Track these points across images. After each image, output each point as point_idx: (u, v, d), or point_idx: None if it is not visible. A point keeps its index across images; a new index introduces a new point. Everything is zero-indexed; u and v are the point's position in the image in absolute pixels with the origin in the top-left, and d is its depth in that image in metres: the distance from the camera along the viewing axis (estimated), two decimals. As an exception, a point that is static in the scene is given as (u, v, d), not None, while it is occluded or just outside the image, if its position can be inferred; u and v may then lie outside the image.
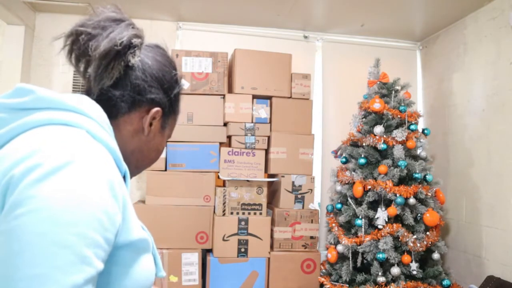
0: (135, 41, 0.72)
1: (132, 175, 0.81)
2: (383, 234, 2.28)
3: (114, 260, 0.61)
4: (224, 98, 2.61)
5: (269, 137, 2.63)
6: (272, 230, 2.57)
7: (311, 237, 2.60)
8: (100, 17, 0.71)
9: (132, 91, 0.74)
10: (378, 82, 2.60)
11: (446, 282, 2.32)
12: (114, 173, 0.61)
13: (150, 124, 0.78)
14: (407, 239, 2.27)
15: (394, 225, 2.29)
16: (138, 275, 0.66)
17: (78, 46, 0.70)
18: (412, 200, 2.31)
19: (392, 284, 2.23)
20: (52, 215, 0.52)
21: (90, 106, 0.68)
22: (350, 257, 2.36)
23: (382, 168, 2.36)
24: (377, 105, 2.47)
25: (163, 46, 0.84)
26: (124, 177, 0.72)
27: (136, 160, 0.80)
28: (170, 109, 0.84)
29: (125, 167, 0.70)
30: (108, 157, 0.63)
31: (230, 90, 2.67)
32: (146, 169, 0.86)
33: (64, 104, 0.65)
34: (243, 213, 2.54)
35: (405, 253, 2.29)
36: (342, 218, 2.46)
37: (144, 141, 0.79)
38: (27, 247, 0.50)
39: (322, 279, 2.49)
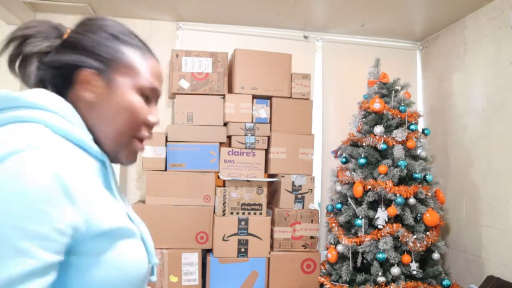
0: (51, 45, 0.73)
1: (122, 150, 0.75)
2: (383, 234, 2.28)
3: (82, 251, 0.61)
4: (224, 98, 2.61)
5: (269, 137, 2.63)
6: (272, 230, 2.57)
7: (311, 237, 2.60)
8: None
9: (48, 69, 0.73)
10: (378, 82, 2.60)
11: (446, 282, 2.32)
12: (68, 164, 0.59)
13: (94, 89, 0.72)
14: (407, 239, 2.27)
15: (394, 225, 2.29)
16: (117, 263, 0.65)
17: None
18: (412, 200, 2.31)
19: (392, 284, 2.23)
20: None
21: (48, 99, 0.67)
22: (350, 257, 2.36)
23: (382, 168, 2.36)
24: (377, 105, 2.47)
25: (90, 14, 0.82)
26: (104, 163, 0.71)
27: (105, 133, 0.72)
28: (104, 60, 0.72)
29: (101, 155, 0.69)
30: (66, 149, 0.62)
31: (230, 90, 2.67)
32: (133, 134, 0.75)
33: (22, 101, 0.64)
34: (243, 213, 2.54)
35: (405, 253, 2.29)
36: (342, 218, 2.46)
37: (103, 108, 0.72)
38: None
39: (322, 279, 2.49)
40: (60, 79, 0.72)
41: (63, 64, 0.72)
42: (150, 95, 0.77)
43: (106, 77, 0.71)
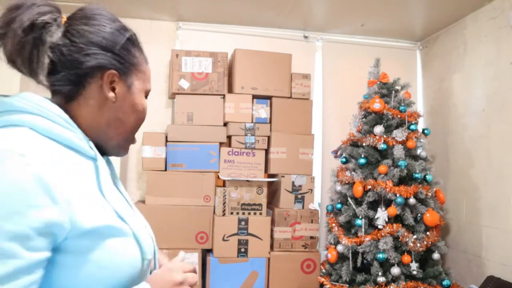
0: (43, 19, 0.66)
1: (124, 144, 0.79)
2: (383, 234, 2.28)
3: (68, 249, 0.62)
4: (224, 98, 2.61)
5: (269, 137, 2.63)
6: (272, 230, 2.57)
7: (311, 237, 2.60)
8: (3, 12, 0.66)
9: (72, 69, 0.69)
10: (378, 82, 2.60)
11: (446, 282, 2.32)
12: (49, 165, 0.61)
13: (113, 89, 0.74)
14: (407, 239, 2.27)
15: (394, 225, 2.29)
16: (104, 261, 0.65)
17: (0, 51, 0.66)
18: (412, 200, 2.31)
19: (392, 284, 2.23)
20: None
21: (34, 102, 0.66)
22: (350, 257, 2.36)
23: (382, 168, 2.36)
24: (377, 105, 2.47)
25: (91, 6, 0.75)
26: (96, 160, 0.71)
27: (116, 130, 0.76)
28: (126, 64, 0.75)
29: (92, 151, 0.69)
30: (51, 150, 0.63)
31: (230, 90, 2.67)
32: (136, 131, 0.81)
33: (10, 105, 0.65)
34: (243, 213, 2.54)
35: (405, 253, 2.29)
36: (342, 218, 2.46)
37: (116, 107, 0.74)
38: None
39: (322, 279, 2.49)
40: (76, 78, 0.70)
41: (93, 65, 0.70)
42: (146, 97, 0.83)
43: (127, 80, 0.76)
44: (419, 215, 2.37)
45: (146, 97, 0.81)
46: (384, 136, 2.43)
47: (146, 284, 0.71)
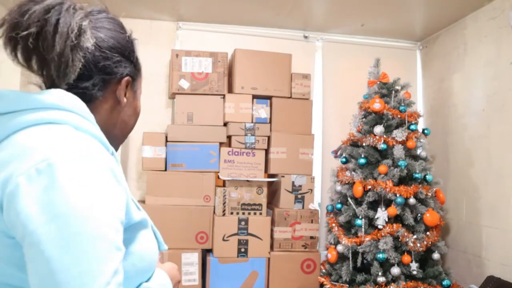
0: (85, 24, 0.67)
1: (119, 145, 0.84)
2: (383, 234, 2.28)
3: None
4: (224, 98, 2.61)
5: (269, 137, 2.63)
6: (272, 230, 2.57)
7: (311, 237, 2.60)
8: (34, 8, 0.63)
9: (100, 74, 0.71)
10: (378, 82, 2.60)
11: (446, 282, 2.32)
12: (111, 160, 0.63)
13: (125, 94, 0.76)
14: (407, 239, 2.27)
15: (394, 225, 2.29)
16: (140, 253, 0.69)
17: (23, 46, 0.65)
18: (412, 200, 2.31)
19: (392, 284, 2.23)
20: (79, 214, 0.54)
21: (69, 100, 0.66)
22: (350, 257, 2.36)
23: (382, 168, 2.36)
24: (377, 105, 2.47)
25: (104, 8, 0.75)
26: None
27: (121, 131, 0.80)
28: (136, 72, 0.80)
29: (111, 149, 0.70)
30: (99, 146, 0.64)
31: (230, 90, 2.67)
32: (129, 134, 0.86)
33: (43, 102, 0.63)
34: (243, 213, 2.54)
35: (405, 253, 2.29)
36: (342, 218, 2.46)
37: (123, 111, 0.78)
38: (68, 249, 0.53)
39: (322, 279, 2.49)
40: (102, 84, 0.72)
41: (119, 72, 0.73)
42: None
43: (135, 85, 0.80)
44: (419, 215, 2.37)
45: None
46: (384, 136, 2.43)
47: (165, 274, 0.77)
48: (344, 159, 2.64)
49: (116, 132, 0.78)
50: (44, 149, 0.57)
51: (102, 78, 0.71)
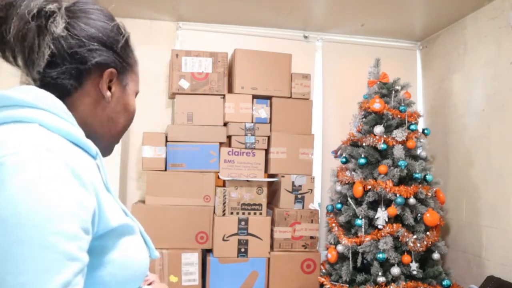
0: (50, 7, 0.64)
1: (111, 145, 0.79)
2: (383, 234, 2.28)
3: (90, 251, 0.59)
4: (224, 98, 2.61)
5: (269, 137, 2.63)
6: (272, 230, 2.57)
7: (311, 237, 2.60)
8: None
9: (73, 63, 0.66)
10: (378, 82, 2.60)
11: (446, 282, 2.32)
12: (76, 162, 0.58)
13: (110, 88, 0.72)
14: (407, 239, 2.27)
15: (394, 225, 2.29)
16: (122, 261, 0.64)
17: None
18: (412, 200, 2.31)
19: (392, 284, 2.23)
20: (22, 219, 0.50)
21: (40, 96, 0.63)
22: (350, 257, 2.36)
23: (382, 168, 2.36)
24: (377, 105, 2.47)
25: (85, 0, 0.72)
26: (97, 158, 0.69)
27: (109, 130, 0.75)
28: (124, 64, 0.74)
29: (95, 149, 0.66)
30: (67, 146, 0.60)
31: (230, 90, 2.67)
32: (125, 132, 0.80)
33: (12, 99, 0.61)
34: (243, 213, 2.54)
35: (405, 253, 2.29)
36: (342, 218, 2.46)
37: (109, 107, 0.73)
38: (6, 257, 0.48)
39: (322, 279, 2.49)
40: (76, 74, 0.68)
41: (95, 62, 0.68)
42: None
43: (123, 80, 0.75)
44: (419, 215, 2.37)
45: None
46: (384, 136, 2.43)
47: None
48: (344, 159, 2.64)
49: (103, 131, 0.74)
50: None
51: (76, 67, 0.67)
